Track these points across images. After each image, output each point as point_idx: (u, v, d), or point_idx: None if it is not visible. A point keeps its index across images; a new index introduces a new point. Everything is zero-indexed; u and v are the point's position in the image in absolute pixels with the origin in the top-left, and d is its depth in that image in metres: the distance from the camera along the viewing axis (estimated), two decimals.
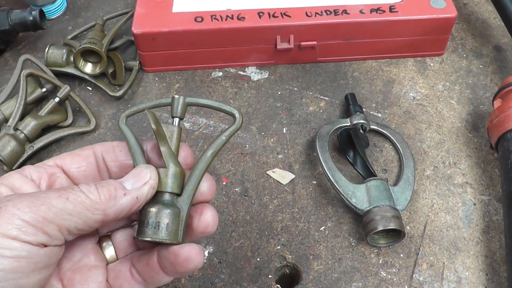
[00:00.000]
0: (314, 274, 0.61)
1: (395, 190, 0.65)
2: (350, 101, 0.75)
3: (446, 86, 0.81)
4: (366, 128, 0.72)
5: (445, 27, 0.81)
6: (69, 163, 0.46)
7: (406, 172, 0.68)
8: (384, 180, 0.65)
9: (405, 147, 0.72)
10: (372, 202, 0.62)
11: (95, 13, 0.97)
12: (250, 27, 0.77)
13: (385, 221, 0.60)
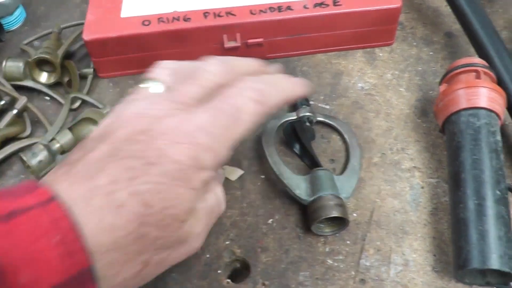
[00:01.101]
0: (262, 266, 0.63)
1: (341, 179, 0.66)
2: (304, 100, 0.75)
3: (395, 74, 0.83)
4: (312, 120, 0.72)
5: (391, 18, 0.83)
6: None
7: (352, 161, 0.69)
8: (328, 170, 0.67)
9: (351, 136, 0.73)
10: (316, 192, 0.63)
11: (53, 23, 0.97)
12: (196, 27, 0.79)
13: (328, 209, 0.61)
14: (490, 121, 0.66)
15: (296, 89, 0.55)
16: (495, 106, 0.67)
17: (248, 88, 0.49)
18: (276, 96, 0.50)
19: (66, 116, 0.80)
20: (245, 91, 0.48)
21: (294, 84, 0.56)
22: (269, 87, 0.50)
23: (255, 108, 0.48)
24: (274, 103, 0.50)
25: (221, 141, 0.46)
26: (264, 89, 0.50)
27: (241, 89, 0.48)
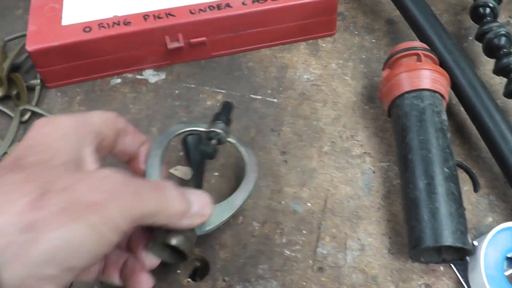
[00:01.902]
0: (221, 263, 0.63)
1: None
2: (222, 109, 0.65)
3: (340, 64, 0.84)
4: (221, 140, 0.62)
5: (329, 8, 0.83)
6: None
7: (236, 195, 0.59)
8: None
9: (252, 171, 0.62)
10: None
11: None
12: (136, 30, 0.78)
13: (169, 235, 0.49)
14: (434, 101, 0.68)
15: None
16: (438, 86, 0.69)
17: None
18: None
19: (16, 129, 0.79)
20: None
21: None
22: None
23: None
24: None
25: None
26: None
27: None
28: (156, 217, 0.41)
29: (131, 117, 0.79)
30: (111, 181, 0.40)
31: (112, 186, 0.39)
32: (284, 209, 0.67)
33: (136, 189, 0.40)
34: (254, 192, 0.68)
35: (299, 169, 0.71)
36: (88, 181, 0.39)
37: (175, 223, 0.44)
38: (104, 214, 0.37)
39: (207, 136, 0.61)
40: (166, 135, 0.60)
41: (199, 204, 0.47)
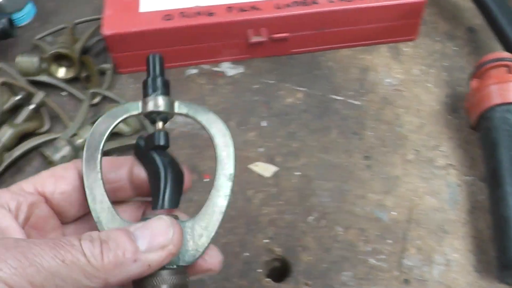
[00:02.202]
0: (304, 266, 0.61)
1: (193, 227, 0.41)
2: (149, 70, 0.42)
3: (422, 70, 0.81)
4: (167, 118, 0.43)
5: (415, 12, 0.81)
6: (52, 188, 0.40)
7: (215, 194, 0.42)
8: (172, 216, 0.40)
9: (224, 145, 0.44)
10: None
11: (64, 18, 0.95)
12: (220, 22, 0.76)
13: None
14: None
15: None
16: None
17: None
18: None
19: (86, 111, 0.78)
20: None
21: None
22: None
23: None
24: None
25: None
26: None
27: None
28: (69, 275, 0.32)
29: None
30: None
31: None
32: (368, 216, 0.65)
33: (22, 251, 0.31)
34: (338, 196, 0.66)
35: (383, 175, 0.69)
36: None
37: (118, 274, 0.34)
38: None
39: (149, 119, 0.43)
40: (95, 143, 0.41)
41: (153, 235, 0.36)
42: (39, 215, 0.39)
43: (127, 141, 0.73)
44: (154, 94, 0.41)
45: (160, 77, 0.41)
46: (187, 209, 0.65)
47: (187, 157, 0.72)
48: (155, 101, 0.41)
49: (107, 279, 0.33)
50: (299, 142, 0.72)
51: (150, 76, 0.41)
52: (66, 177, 0.40)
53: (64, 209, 0.41)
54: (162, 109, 0.41)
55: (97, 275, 0.32)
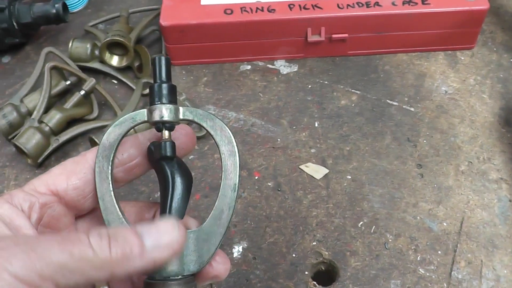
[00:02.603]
0: (352, 271, 0.60)
1: (198, 236, 0.41)
2: (157, 75, 0.41)
3: (478, 80, 0.80)
4: (172, 127, 0.41)
5: (476, 20, 0.80)
6: (64, 185, 0.40)
7: (222, 201, 0.41)
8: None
9: (229, 154, 0.41)
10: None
11: (117, 7, 0.96)
12: (280, 19, 0.76)
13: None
14: None
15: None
16: None
17: None
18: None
19: (138, 100, 0.78)
20: None
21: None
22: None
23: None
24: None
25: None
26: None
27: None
28: (77, 267, 0.33)
29: (260, 105, 0.77)
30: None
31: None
32: (419, 225, 0.64)
33: (31, 246, 0.32)
34: (389, 202, 0.65)
35: (435, 185, 0.68)
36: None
37: (124, 268, 0.35)
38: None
39: (156, 128, 0.42)
40: (105, 153, 0.41)
41: (159, 233, 0.37)
42: (52, 215, 0.40)
43: None
44: (159, 103, 0.40)
45: (166, 83, 0.40)
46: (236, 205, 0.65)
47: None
48: (160, 110, 0.40)
49: (114, 272, 0.34)
50: (351, 145, 0.72)
51: (156, 81, 0.41)
52: (77, 172, 0.41)
53: (78, 203, 0.41)
54: (166, 118, 0.40)
55: (104, 267, 0.34)
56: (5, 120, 0.73)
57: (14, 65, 0.87)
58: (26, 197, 0.39)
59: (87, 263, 0.33)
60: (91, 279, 0.34)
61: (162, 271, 0.38)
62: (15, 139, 0.70)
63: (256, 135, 0.74)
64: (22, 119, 0.74)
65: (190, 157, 0.72)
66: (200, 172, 0.70)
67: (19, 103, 0.75)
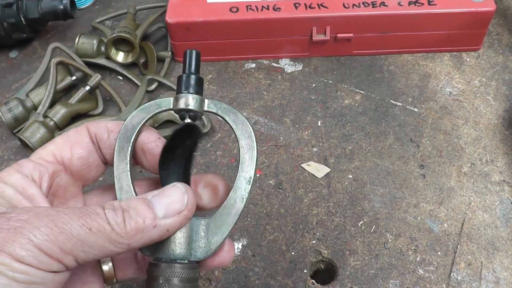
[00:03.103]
0: (351, 270, 0.61)
1: (208, 225, 0.41)
2: (187, 67, 0.42)
3: (483, 81, 0.80)
4: (196, 116, 0.43)
5: (483, 21, 0.80)
6: (69, 155, 0.41)
7: (236, 193, 0.42)
8: (195, 217, 0.42)
9: (247, 148, 0.43)
10: (159, 249, 0.40)
11: (125, 4, 0.96)
12: (286, 18, 0.76)
13: (167, 287, 0.40)
14: None
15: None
16: None
17: None
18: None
19: (142, 96, 0.78)
20: None
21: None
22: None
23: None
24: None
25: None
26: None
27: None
28: (96, 241, 0.34)
29: (264, 103, 0.77)
30: (22, 216, 0.34)
31: (19, 222, 0.33)
32: (419, 225, 0.64)
33: (52, 219, 0.33)
34: (390, 202, 0.65)
35: (437, 186, 0.68)
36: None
37: (140, 239, 0.36)
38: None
39: (179, 116, 0.43)
40: (127, 135, 0.43)
41: (169, 202, 0.38)
42: (60, 184, 0.41)
43: None
44: (186, 92, 0.41)
45: (195, 75, 0.42)
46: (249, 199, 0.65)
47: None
48: (186, 99, 0.41)
49: (130, 244, 0.35)
50: (353, 144, 0.72)
51: (185, 72, 0.42)
52: (80, 141, 0.42)
53: (83, 172, 0.42)
54: (191, 107, 0.41)
55: (121, 241, 0.35)
56: (10, 114, 0.73)
57: (22, 60, 0.88)
58: (36, 166, 0.39)
59: (105, 238, 0.34)
60: (109, 253, 0.35)
61: (169, 253, 0.39)
62: (20, 133, 0.71)
63: (259, 133, 0.74)
64: (27, 113, 0.74)
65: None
66: (203, 169, 0.70)
67: (25, 97, 0.76)
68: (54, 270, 0.33)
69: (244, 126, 0.43)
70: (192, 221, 0.40)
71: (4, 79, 0.84)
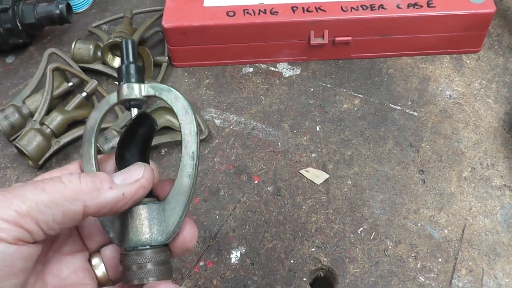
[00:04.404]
0: (350, 278, 0.60)
1: (164, 208, 0.42)
2: (124, 57, 0.44)
3: (483, 84, 0.79)
4: (140, 104, 0.44)
5: (483, 23, 0.79)
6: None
7: (182, 174, 0.42)
8: (149, 203, 0.41)
9: (186, 121, 0.42)
10: (125, 239, 0.41)
11: (122, 7, 0.96)
12: (283, 22, 0.76)
13: (141, 273, 0.40)
14: None
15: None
16: None
17: None
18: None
19: None
20: None
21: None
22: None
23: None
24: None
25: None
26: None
27: None
28: (51, 200, 0.35)
29: (261, 108, 0.76)
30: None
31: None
32: (419, 232, 0.63)
33: (8, 189, 0.35)
34: (390, 208, 0.64)
35: (437, 191, 0.67)
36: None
37: (95, 198, 0.37)
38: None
39: (125, 107, 0.44)
40: (88, 137, 0.45)
41: (127, 173, 0.40)
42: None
43: (178, 137, 0.72)
44: (124, 83, 0.43)
45: (132, 64, 0.43)
46: (235, 210, 0.65)
47: (237, 157, 0.71)
48: (124, 89, 0.42)
49: (86, 202, 0.36)
50: (352, 150, 0.71)
51: (123, 63, 0.43)
52: (68, 169, 0.44)
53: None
54: (132, 96, 0.42)
55: (76, 197, 0.36)
56: (7, 122, 0.73)
57: (18, 65, 0.87)
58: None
59: (59, 195, 0.35)
60: (67, 212, 0.36)
61: (131, 242, 0.40)
62: (17, 140, 0.70)
63: (256, 139, 0.73)
64: (24, 121, 0.74)
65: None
66: (200, 176, 0.70)
67: (21, 104, 0.75)
68: (18, 237, 0.34)
69: (179, 101, 0.43)
70: (148, 206, 0.41)
71: (1, 85, 0.84)
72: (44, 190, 0.35)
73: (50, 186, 0.36)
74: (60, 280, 0.41)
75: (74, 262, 0.43)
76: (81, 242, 0.44)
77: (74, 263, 0.43)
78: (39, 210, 0.34)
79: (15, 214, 0.34)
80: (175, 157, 0.72)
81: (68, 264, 0.42)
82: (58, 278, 0.41)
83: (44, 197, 0.35)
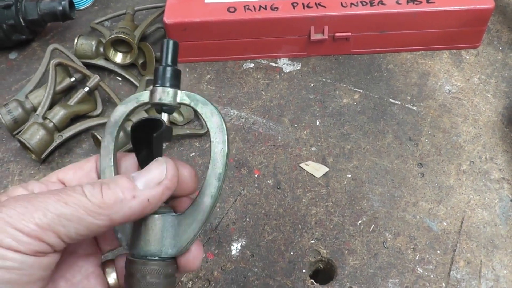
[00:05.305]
0: (350, 269, 0.60)
1: (180, 222, 0.41)
2: (163, 58, 0.42)
3: (482, 79, 0.80)
4: (171, 109, 0.42)
5: (482, 19, 0.79)
6: (71, 177, 0.42)
7: (204, 192, 0.41)
8: (165, 213, 0.41)
9: (218, 142, 0.41)
10: (136, 245, 0.41)
11: (124, 4, 0.96)
12: (283, 17, 0.76)
13: (145, 284, 0.40)
14: None
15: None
16: None
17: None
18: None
19: None
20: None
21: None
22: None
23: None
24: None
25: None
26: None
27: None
28: (73, 214, 0.34)
29: (262, 103, 0.77)
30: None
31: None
32: (418, 224, 0.64)
33: (29, 200, 0.34)
34: (389, 201, 0.65)
35: (436, 184, 0.68)
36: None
37: (120, 211, 0.36)
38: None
39: (156, 109, 0.43)
40: (110, 130, 0.44)
41: (149, 173, 0.38)
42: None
43: (180, 131, 0.73)
44: (160, 86, 0.41)
45: (171, 67, 0.41)
46: (235, 203, 0.65)
47: (238, 151, 0.72)
48: (159, 93, 0.41)
49: (111, 216, 0.35)
50: (352, 144, 0.72)
51: (161, 64, 0.42)
52: (84, 168, 0.43)
53: None
54: (166, 101, 0.41)
55: (99, 211, 0.35)
56: (10, 116, 0.74)
57: (21, 61, 0.88)
58: (40, 185, 0.40)
59: (82, 209, 0.34)
60: (90, 226, 0.35)
61: (141, 250, 0.39)
62: (20, 134, 0.71)
63: (257, 133, 0.74)
64: (27, 115, 0.75)
65: (191, 154, 0.72)
66: (201, 170, 0.70)
67: (24, 99, 0.76)
68: (37, 250, 0.33)
69: (215, 118, 0.41)
70: (164, 218, 0.39)
71: (4, 81, 0.84)
72: (66, 204, 0.34)
73: (72, 199, 0.34)
74: (72, 285, 0.41)
75: (87, 268, 0.42)
76: (95, 244, 0.44)
77: (87, 268, 0.42)
78: (61, 224, 0.34)
79: (35, 228, 0.33)
80: (176, 151, 0.73)
81: (81, 269, 0.42)
82: (70, 283, 0.41)
83: (66, 211, 0.34)
